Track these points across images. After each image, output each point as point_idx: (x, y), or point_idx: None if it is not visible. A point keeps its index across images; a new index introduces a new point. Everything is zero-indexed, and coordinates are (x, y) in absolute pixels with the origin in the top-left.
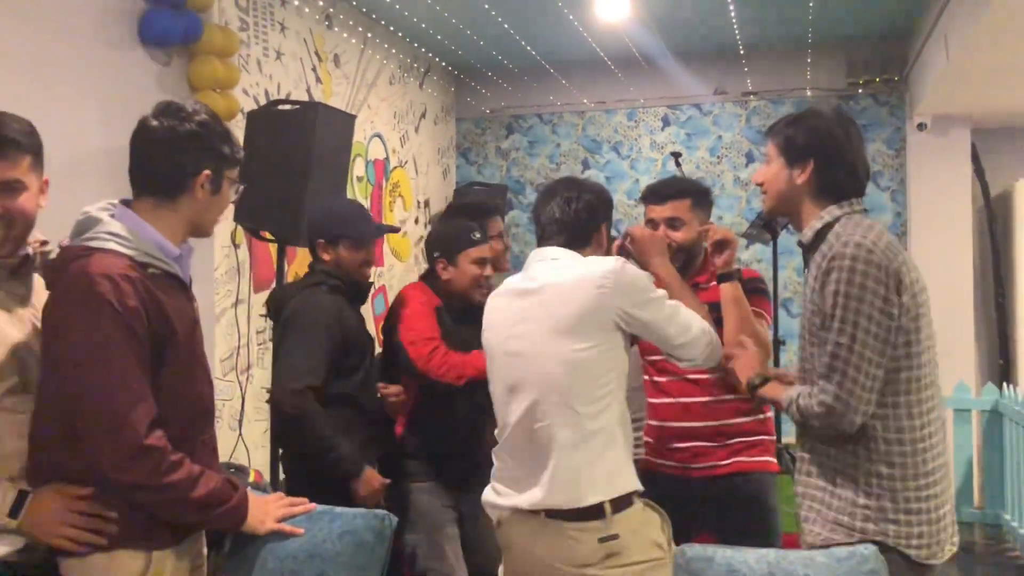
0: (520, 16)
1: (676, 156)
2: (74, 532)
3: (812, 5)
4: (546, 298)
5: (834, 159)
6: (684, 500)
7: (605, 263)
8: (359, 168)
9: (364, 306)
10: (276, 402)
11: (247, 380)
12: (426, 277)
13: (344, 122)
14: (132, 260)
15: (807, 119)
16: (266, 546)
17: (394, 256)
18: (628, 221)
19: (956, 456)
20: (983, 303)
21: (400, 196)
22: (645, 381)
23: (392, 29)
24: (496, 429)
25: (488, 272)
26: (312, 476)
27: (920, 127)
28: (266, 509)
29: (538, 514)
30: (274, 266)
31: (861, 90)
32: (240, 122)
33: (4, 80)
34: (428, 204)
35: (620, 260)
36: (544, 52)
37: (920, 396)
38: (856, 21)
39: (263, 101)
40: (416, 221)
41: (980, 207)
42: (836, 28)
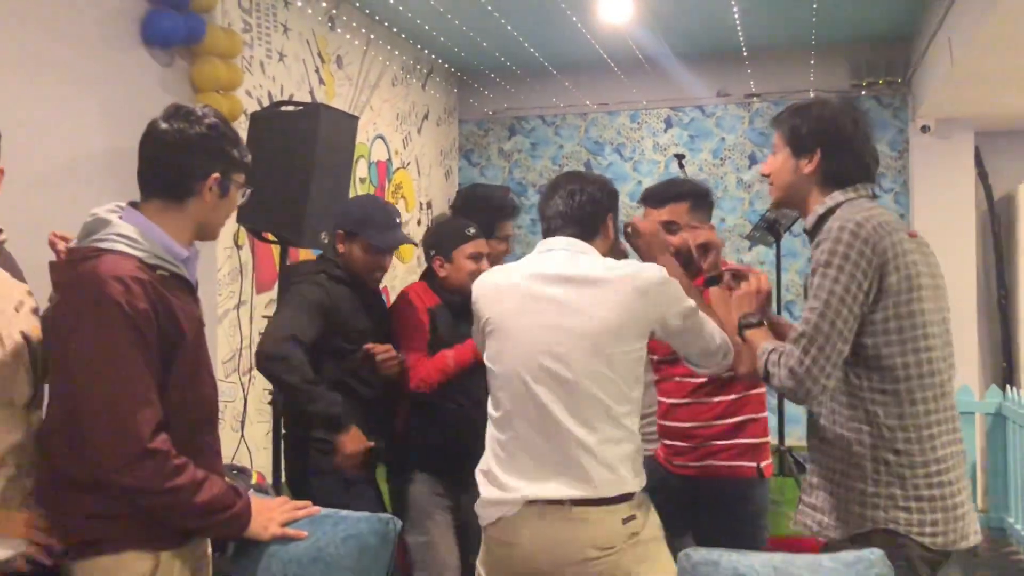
0: (523, 18)
1: (679, 158)
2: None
3: (815, 7)
4: (583, 295)
5: (841, 148)
6: (662, 488)
7: (651, 271)
8: (362, 169)
9: None
10: (259, 352)
11: (249, 382)
12: (426, 276)
13: (347, 123)
14: (141, 262)
15: (813, 108)
16: (269, 549)
17: (396, 257)
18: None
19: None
20: (986, 306)
21: (403, 197)
22: None
23: (395, 31)
24: (494, 417)
25: (485, 267)
26: (312, 467)
27: (923, 129)
28: (269, 515)
29: (563, 504)
30: (276, 267)
31: (864, 92)
32: (243, 124)
33: (7, 80)
34: (430, 205)
35: (662, 268)
36: (547, 54)
37: (922, 383)
38: (859, 23)
39: (266, 103)
40: (419, 223)
41: (983, 210)
42: (839, 30)
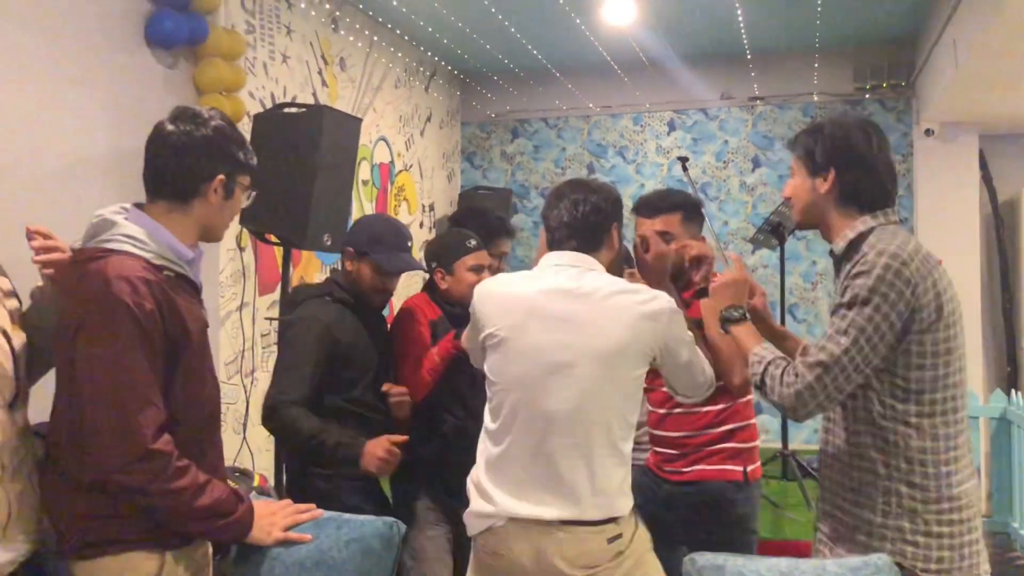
0: (526, 20)
1: (683, 161)
2: None
3: (820, 10)
4: (592, 314)
5: (856, 166)
6: (648, 493)
7: (661, 300)
8: (364, 171)
9: None
10: (262, 416)
11: (251, 384)
12: (428, 287)
13: (350, 125)
14: (148, 262)
15: (826, 127)
16: (272, 553)
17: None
18: (633, 227)
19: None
20: (990, 310)
21: (405, 200)
22: None
23: (398, 33)
24: (489, 430)
25: (485, 278)
26: (309, 480)
27: (927, 133)
28: (272, 519)
29: (549, 523)
30: (279, 269)
31: (868, 95)
32: (246, 125)
33: (10, 81)
34: (433, 208)
35: (671, 299)
36: (550, 56)
37: (946, 419)
38: (863, 26)
39: (269, 104)
40: (421, 225)
41: (987, 214)
42: (843, 33)
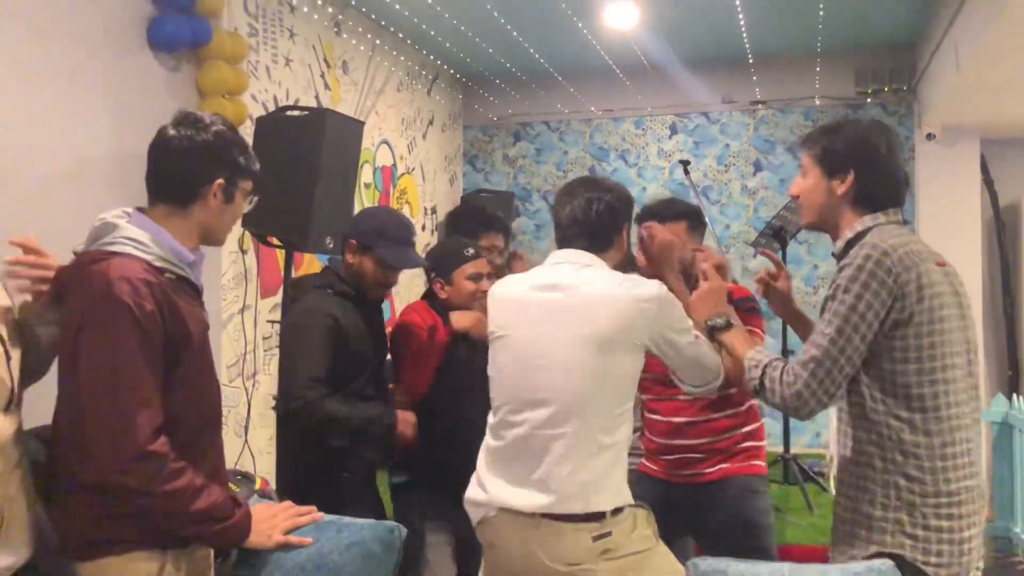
0: (528, 24)
1: (685, 164)
2: None
3: (821, 14)
4: (579, 305)
5: (875, 168)
6: (664, 503)
7: (650, 286)
8: (367, 174)
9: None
10: (288, 409)
11: (253, 386)
12: (427, 295)
13: (352, 128)
14: (150, 265)
15: (846, 128)
16: (272, 556)
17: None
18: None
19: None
20: (992, 314)
21: (407, 203)
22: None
23: (401, 36)
24: (490, 424)
25: (485, 287)
26: (309, 483)
27: (929, 137)
28: (272, 522)
29: (533, 515)
30: (281, 272)
31: (869, 99)
32: (248, 128)
33: (13, 84)
34: (435, 211)
35: (663, 286)
36: (552, 60)
37: (938, 414)
38: (865, 30)
39: (271, 107)
40: (423, 228)
41: (989, 218)
42: (845, 37)
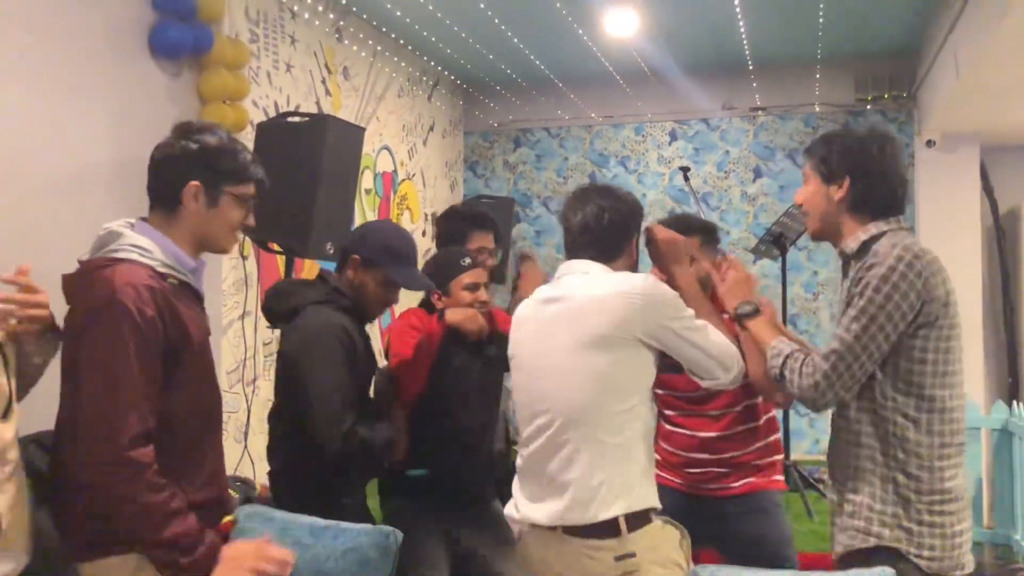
0: (529, 30)
1: (685, 170)
2: None
3: (821, 21)
4: (573, 311)
5: (870, 174)
6: (687, 515)
7: (635, 279)
8: (367, 180)
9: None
10: (327, 450)
11: (253, 392)
12: (425, 303)
13: (353, 134)
14: (153, 270)
15: (841, 136)
16: None
17: None
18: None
19: (964, 475)
20: (992, 321)
21: (408, 208)
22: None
23: (402, 42)
24: (517, 444)
25: (483, 296)
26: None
27: (929, 144)
28: (239, 562)
29: (556, 530)
30: (281, 278)
31: (869, 106)
32: (249, 134)
33: (15, 91)
34: (435, 217)
35: (651, 277)
36: (553, 66)
37: (943, 416)
38: (865, 37)
39: (272, 113)
40: (424, 234)
41: (989, 225)
42: (845, 44)
